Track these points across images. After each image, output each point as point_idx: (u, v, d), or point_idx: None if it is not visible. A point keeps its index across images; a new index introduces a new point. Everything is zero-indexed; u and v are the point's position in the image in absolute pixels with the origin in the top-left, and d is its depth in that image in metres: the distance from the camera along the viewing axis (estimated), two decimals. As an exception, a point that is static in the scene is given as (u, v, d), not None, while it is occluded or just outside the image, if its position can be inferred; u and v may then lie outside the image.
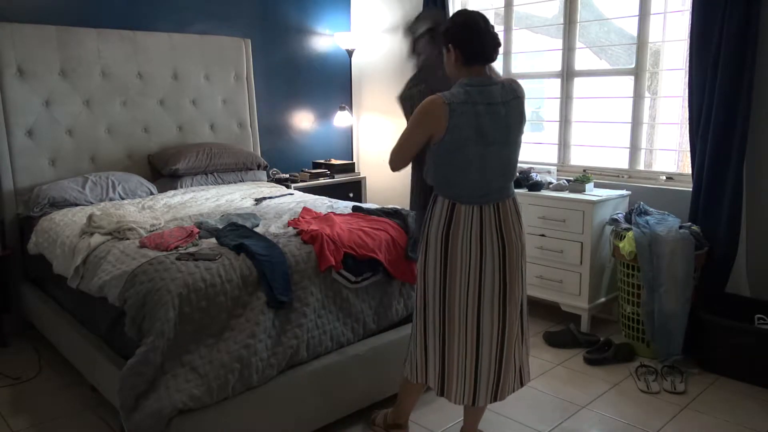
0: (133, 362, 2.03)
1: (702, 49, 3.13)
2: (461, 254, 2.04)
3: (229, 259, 2.31)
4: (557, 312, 3.62)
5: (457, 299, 2.07)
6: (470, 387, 2.12)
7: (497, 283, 2.06)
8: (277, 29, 4.75)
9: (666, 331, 3.01)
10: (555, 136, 4.05)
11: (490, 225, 2.05)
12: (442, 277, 2.08)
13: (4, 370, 3.09)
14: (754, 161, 3.12)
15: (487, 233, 2.04)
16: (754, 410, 2.67)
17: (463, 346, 2.10)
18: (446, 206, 2.06)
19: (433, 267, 2.09)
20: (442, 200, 2.08)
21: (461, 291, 2.06)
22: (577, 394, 2.81)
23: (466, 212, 2.04)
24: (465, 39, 2.02)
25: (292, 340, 2.31)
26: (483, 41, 2.04)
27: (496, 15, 4.46)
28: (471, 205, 2.04)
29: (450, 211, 2.06)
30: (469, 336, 2.09)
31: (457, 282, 2.06)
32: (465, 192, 2.05)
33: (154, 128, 4.03)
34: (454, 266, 2.06)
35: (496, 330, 2.08)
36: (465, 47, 2.03)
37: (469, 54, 2.03)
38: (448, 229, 2.05)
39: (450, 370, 2.13)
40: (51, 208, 3.27)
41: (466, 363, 2.11)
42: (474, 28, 2.03)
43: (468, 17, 2.05)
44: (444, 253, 2.06)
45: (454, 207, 2.05)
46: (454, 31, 2.04)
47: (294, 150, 5.01)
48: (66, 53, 3.59)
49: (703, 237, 3.13)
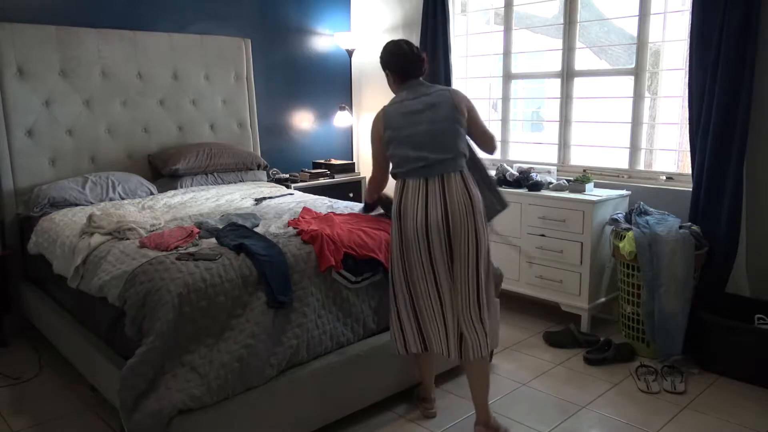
0: (133, 362, 2.03)
1: (702, 49, 3.13)
2: (410, 226, 2.33)
3: (229, 259, 2.31)
4: (557, 312, 3.62)
5: (414, 265, 2.35)
6: (443, 341, 2.39)
7: (444, 248, 2.32)
8: (277, 29, 4.75)
9: (666, 331, 3.01)
10: (555, 136, 4.05)
11: (434, 194, 2.33)
12: (399, 247, 2.38)
13: (4, 370, 3.09)
14: (754, 161, 3.12)
15: (433, 204, 2.32)
16: (754, 410, 2.67)
17: (429, 308, 2.37)
18: (399, 185, 2.41)
19: (395, 238, 2.41)
20: (399, 181, 2.42)
21: (415, 260, 2.34)
22: (577, 394, 2.81)
23: (414, 185, 2.35)
24: (394, 63, 2.49)
25: (292, 340, 2.31)
26: (408, 62, 2.47)
27: (496, 15, 4.47)
28: (417, 179, 2.35)
29: (402, 188, 2.39)
30: (433, 298, 2.36)
31: (412, 249, 2.34)
32: (409, 167, 2.37)
33: (154, 128, 4.03)
34: (407, 239, 2.35)
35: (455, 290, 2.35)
36: (396, 69, 2.49)
37: (400, 73, 2.49)
38: (400, 204, 2.38)
39: (425, 328, 2.41)
40: (51, 208, 3.27)
41: (435, 321, 2.38)
42: (399, 53, 2.48)
43: (395, 46, 2.50)
44: (400, 226, 2.38)
45: (405, 183, 2.39)
46: (387, 59, 2.51)
47: (294, 150, 5.01)
48: (66, 53, 3.60)
49: (703, 237, 3.13)
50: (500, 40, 4.27)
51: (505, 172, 3.80)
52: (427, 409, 2.63)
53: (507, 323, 3.61)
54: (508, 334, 3.46)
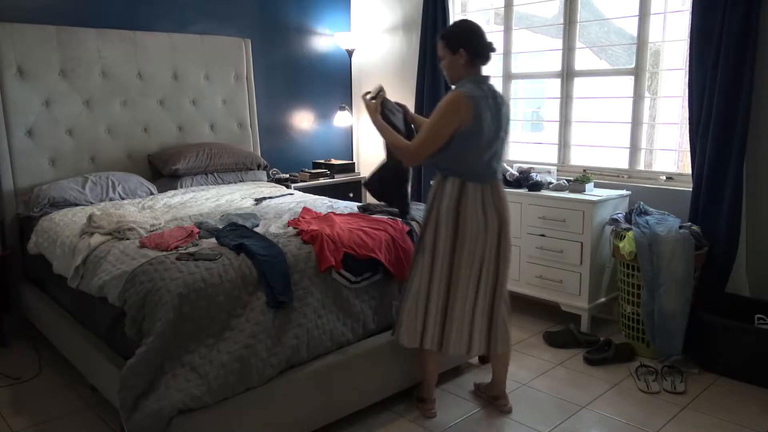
0: (133, 362, 2.03)
1: (702, 49, 3.13)
2: (470, 228, 2.37)
3: (229, 259, 2.30)
4: (557, 312, 3.62)
5: (464, 264, 2.40)
6: (467, 338, 2.47)
7: (494, 249, 2.43)
8: (277, 29, 4.75)
9: (666, 331, 3.01)
10: (555, 136, 4.05)
11: (491, 201, 2.41)
12: (452, 246, 2.39)
13: (4, 370, 3.09)
14: (754, 161, 3.12)
15: (489, 207, 2.40)
16: (754, 410, 2.67)
17: (462, 306, 2.43)
18: (457, 185, 2.38)
19: (444, 238, 2.40)
20: (453, 180, 2.39)
21: (468, 257, 2.39)
22: (577, 394, 2.81)
23: (473, 189, 2.38)
24: (472, 41, 2.38)
25: (292, 340, 2.31)
26: (486, 43, 2.41)
27: (496, 15, 4.47)
28: (477, 184, 2.38)
29: (460, 189, 2.38)
30: (469, 298, 2.43)
31: (465, 249, 2.39)
32: (475, 172, 2.39)
33: (154, 128, 4.03)
34: (463, 239, 2.38)
35: (490, 289, 2.46)
36: (473, 48, 2.38)
37: (475, 54, 2.39)
38: (458, 204, 2.37)
39: (449, 328, 2.45)
40: (51, 208, 3.27)
41: (464, 319, 2.45)
42: (478, 31, 2.41)
43: (472, 23, 2.44)
44: (455, 225, 2.38)
45: (463, 185, 2.38)
46: (463, 35, 2.40)
47: (294, 150, 5.01)
48: (66, 53, 3.59)
49: (703, 237, 3.13)
50: (500, 40, 4.27)
51: (505, 172, 3.80)
52: (429, 409, 2.63)
53: (507, 323, 3.61)
54: (508, 334, 3.46)
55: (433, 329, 2.46)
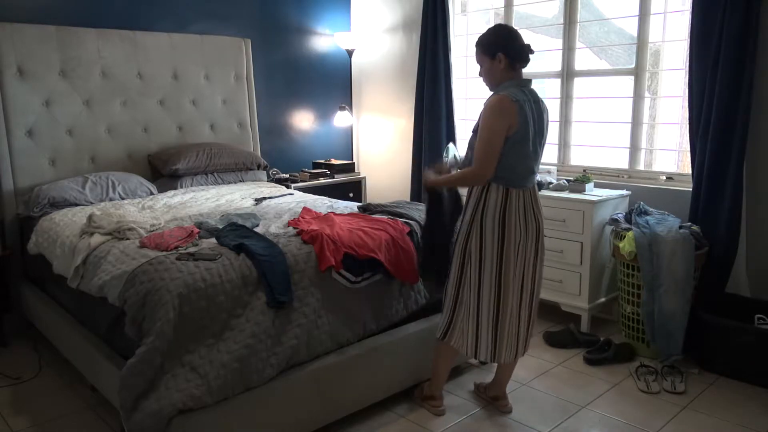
0: (133, 362, 2.03)
1: (702, 49, 3.13)
2: (515, 232, 2.37)
3: (229, 259, 2.30)
4: (557, 312, 3.62)
5: (512, 272, 2.39)
6: (514, 346, 2.49)
7: (532, 256, 2.43)
8: (277, 29, 4.75)
9: (666, 331, 3.01)
10: (555, 136, 4.04)
11: (531, 205, 2.42)
12: (499, 255, 2.38)
13: (4, 370, 3.09)
14: (754, 161, 3.12)
15: (529, 213, 2.41)
16: (754, 410, 2.67)
17: (512, 314, 2.44)
18: (501, 192, 2.36)
19: (491, 246, 2.38)
20: (497, 187, 2.36)
21: (515, 266, 2.39)
22: (577, 394, 2.81)
23: (516, 197, 2.37)
24: (512, 45, 2.36)
25: (292, 340, 2.31)
26: (524, 45, 2.39)
27: (496, 15, 4.47)
28: (519, 189, 2.37)
29: (505, 196, 2.36)
30: (515, 303, 2.43)
31: (512, 257, 2.38)
32: (519, 178, 2.37)
33: (154, 128, 4.03)
34: (509, 245, 2.37)
35: (529, 294, 2.46)
36: (512, 52, 2.36)
37: (515, 58, 2.37)
38: (504, 212, 2.36)
39: (501, 336, 2.45)
40: (51, 208, 3.27)
41: (513, 326, 2.46)
42: (517, 35, 2.40)
43: (509, 27, 2.45)
44: (501, 233, 2.37)
45: (508, 192, 2.36)
46: (502, 40, 2.37)
47: (294, 150, 5.01)
48: (66, 53, 3.59)
49: (703, 237, 3.13)
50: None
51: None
52: (438, 406, 2.64)
53: (507, 323, 3.60)
54: (508, 334, 3.46)
55: (486, 341, 2.45)
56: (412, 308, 2.77)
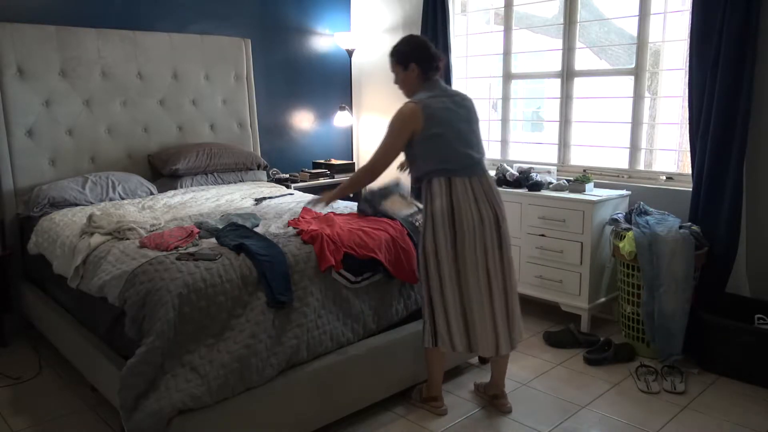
0: (133, 362, 2.03)
1: (702, 49, 3.13)
2: (466, 223, 2.37)
3: (229, 259, 2.30)
4: (557, 312, 3.62)
5: (468, 262, 2.39)
6: (492, 339, 2.47)
7: (495, 244, 2.42)
8: (277, 29, 4.75)
9: (666, 331, 3.01)
10: (555, 136, 4.05)
11: (483, 195, 2.41)
12: (453, 246, 2.39)
13: (4, 370, 3.09)
14: (754, 161, 3.12)
15: (482, 201, 2.41)
16: (754, 410, 2.67)
17: (480, 305, 2.43)
18: (444, 183, 2.38)
19: (444, 240, 2.39)
20: (438, 180, 2.39)
21: (471, 256, 2.39)
22: (577, 394, 2.81)
23: (462, 186, 2.38)
24: (424, 56, 2.47)
25: (292, 340, 2.31)
26: (435, 56, 2.49)
27: (496, 15, 4.47)
28: (463, 178, 2.39)
29: (449, 187, 2.38)
30: (484, 295, 2.43)
31: (466, 246, 2.38)
32: (460, 167, 2.39)
33: (154, 128, 4.03)
34: (462, 235, 2.38)
35: (500, 285, 2.45)
36: (424, 62, 2.47)
37: (427, 67, 2.47)
38: (450, 202, 2.37)
39: (473, 329, 2.45)
40: (51, 208, 3.27)
41: (486, 319, 2.45)
42: (426, 46, 2.49)
43: (420, 39, 2.54)
44: (452, 226, 2.38)
45: (450, 182, 2.38)
46: (412, 52, 2.48)
47: (294, 150, 5.01)
48: (66, 53, 3.59)
49: (703, 237, 3.13)
50: (500, 40, 4.27)
51: (505, 172, 3.80)
52: (439, 407, 2.64)
53: (507, 323, 3.60)
54: (508, 334, 3.46)
55: (458, 332, 2.46)
56: (412, 308, 2.77)
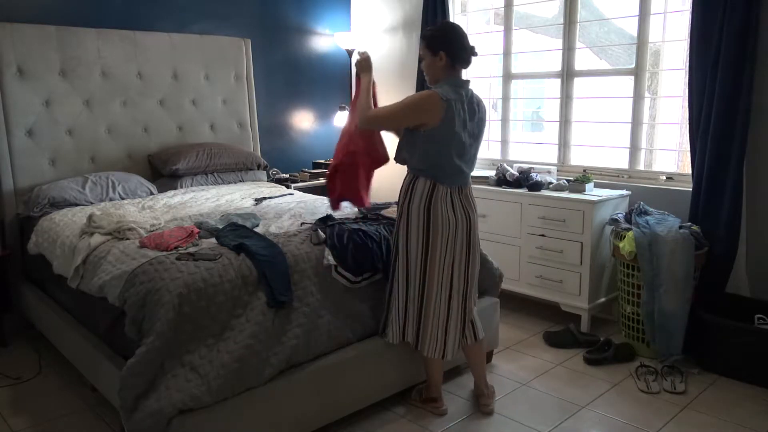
0: (133, 362, 2.03)
1: (702, 49, 3.13)
2: (441, 226, 2.40)
3: (229, 259, 2.30)
4: (557, 312, 3.62)
5: (437, 264, 2.44)
6: (441, 342, 2.50)
7: (464, 250, 2.47)
8: (277, 29, 4.75)
9: (666, 331, 3.01)
10: (555, 136, 4.05)
11: (460, 204, 2.45)
12: (424, 246, 2.43)
13: (4, 370, 3.09)
14: (754, 161, 3.12)
15: (458, 210, 2.44)
16: (753, 410, 2.67)
17: (437, 305, 2.47)
18: (428, 186, 2.40)
19: (416, 237, 2.43)
20: (424, 180, 2.41)
21: (440, 257, 2.43)
22: (577, 394, 2.81)
23: (443, 192, 2.41)
24: (453, 45, 2.39)
25: (292, 340, 2.31)
26: (467, 48, 2.41)
27: (496, 15, 4.47)
28: (447, 186, 2.41)
29: (431, 190, 2.40)
30: (443, 299, 2.47)
31: (438, 249, 2.42)
32: (447, 176, 2.40)
33: (154, 128, 4.03)
34: (436, 235, 2.41)
35: (462, 289, 2.50)
36: (454, 52, 2.38)
37: (455, 58, 2.39)
38: (429, 204, 2.40)
39: (425, 327, 2.50)
40: (51, 208, 3.27)
41: (439, 320, 2.49)
42: (460, 35, 2.42)
43: (455, 26, 2.48)
44: (426, 225, 2.41)
45: (434, 187, 2.40)
46: (444, 38, 2.39)
47: (294, 150, 5.01)
48: (66, 53, 3.59)
49: (703, 237, 3.13)
50: (500, 40, 4.27)
51: (505, 172, 3.80)
52: (439, 407, 2.64)
53: (507, 323, 3.61)
54: (508, 334, 3.46)
55: (411, 327, 2.52)
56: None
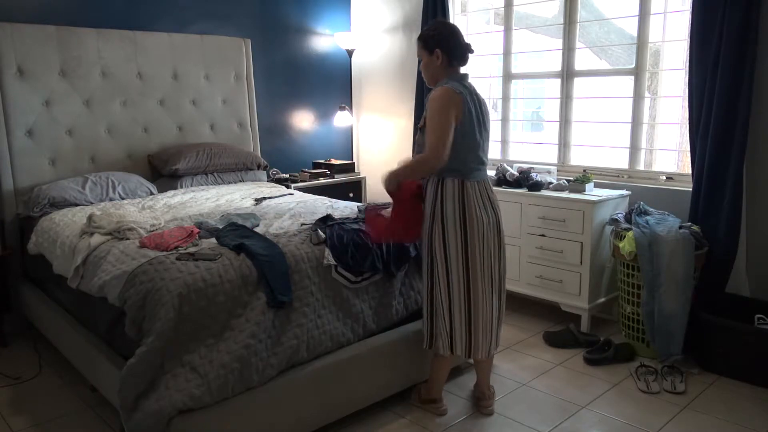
0: (133, 362, 2.03)
1: (702, 49, 3.13)
2: (477, 222, 2.37)
3: (229, 259, 2.31)
4: (557, 312, 3.62)
5: (479, 265, 2.40)
6: (488, 341, 2.49)
7: (496, 247, 2.45)
8: (277, 29, 4.75)
9: (666, 331, 3.01)
10: (555, 136, 4.05)
11: (489, 197, 2.43)
12: (464, 247, 2.39)
13: (4, 370, 3.09)
14: (754, 161, 3.12)
15: (488, 205, 2.42)
16: (753, 410, 2.67)
17: (484, 309, 2.44)
18: (457, 185, 2.37)
19: (455, 240, 2.38)
20: (452, 180, 2.37)
21: (481, 257, 2.40)
22: (577, 394, 2.81)
23: (472, 188, 2.38)
24: (449, 41, 2.39)
25: (292, 340, 2.31)
26: (462, 44, 2.41)
27: (496, 15, 4.47)
28: (473, 181, 2.39)
29: (461, 189, 2.37)
30: (488, 298, 2.44)
31: (477, 249, 2.39)
32: (471, 170, 2.38)
33: (154, 128, 4.03)
34: (473, 235, 2.38)
35: (498, 287, 2.48)
36: (450, 50, 2.39)
37: (452, 56, 2.40)
38: (463, 204, 2.37)
39: (476, 331, 2.46)
40: (51, 208, 3.27)
41: (488, 322, 2.47)
42: (455, 32, 2.41)
43: (448, 24, 2.48)
44: (462, 225, 2.37)
45: (463, 184, 2.37)
46: (439, 37, 2.39)
47: (294, 150, 5.01)
48: (66, 53, 3.59)
49: (703, 237, 3.13)
50: (500, 40, 4.27)
51: (505, 172, 3.80)
52: (440, 407, 2.64)
53: (507, 323, 3.61)
54: (508, 334, 3.46)
55: (461, 337, 2.46)
56: (412, 308, 2.77)
